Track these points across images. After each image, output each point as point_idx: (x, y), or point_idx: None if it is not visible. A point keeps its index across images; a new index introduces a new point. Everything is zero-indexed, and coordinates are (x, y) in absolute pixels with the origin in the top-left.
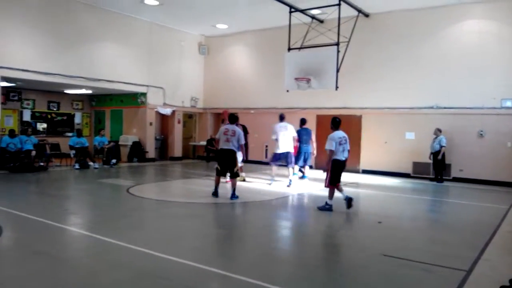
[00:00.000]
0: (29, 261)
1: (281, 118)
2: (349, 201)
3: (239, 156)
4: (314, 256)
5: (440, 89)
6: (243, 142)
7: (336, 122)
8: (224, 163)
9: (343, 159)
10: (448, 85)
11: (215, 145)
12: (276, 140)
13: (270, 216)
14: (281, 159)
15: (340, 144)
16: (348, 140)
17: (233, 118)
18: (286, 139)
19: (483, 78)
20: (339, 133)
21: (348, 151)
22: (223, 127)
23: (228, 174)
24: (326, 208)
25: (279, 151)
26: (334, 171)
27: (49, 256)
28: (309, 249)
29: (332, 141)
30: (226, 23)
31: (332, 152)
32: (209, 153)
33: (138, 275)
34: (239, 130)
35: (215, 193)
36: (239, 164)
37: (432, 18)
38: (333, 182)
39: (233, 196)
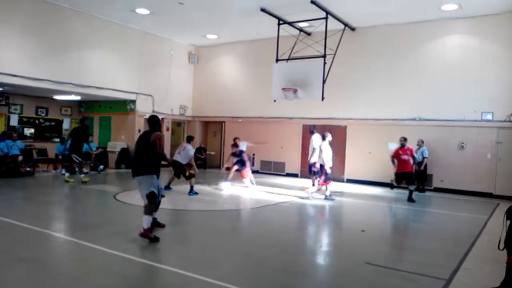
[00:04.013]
0: (13, 267)
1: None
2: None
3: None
4: (299, 264)
5: (423, 102)
6: (191, 155)
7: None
8: (178, 170)
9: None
10: (431, 97)
11: (203, 153)
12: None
13: (257, 222)
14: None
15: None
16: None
17: (189, 138)
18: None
19: (464, 91)
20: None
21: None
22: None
23: None
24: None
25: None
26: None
27: (34, 262)
28: (294, 257)
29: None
30: (216, 33)
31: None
32: (196, 161)
33: (123, 281)
34: (188, 146)
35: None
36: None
37: (416, 33)
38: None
39: (191, 191)
